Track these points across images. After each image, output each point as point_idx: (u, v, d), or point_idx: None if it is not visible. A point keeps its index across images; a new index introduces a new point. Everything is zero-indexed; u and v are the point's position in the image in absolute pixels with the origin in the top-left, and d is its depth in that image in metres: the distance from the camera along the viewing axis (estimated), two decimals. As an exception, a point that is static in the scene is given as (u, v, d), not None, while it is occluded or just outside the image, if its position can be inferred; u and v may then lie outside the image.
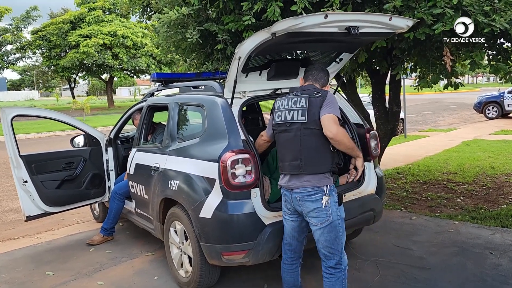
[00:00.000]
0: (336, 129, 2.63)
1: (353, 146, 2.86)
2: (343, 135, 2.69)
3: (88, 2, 31.41)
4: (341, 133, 2.68)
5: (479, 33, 3.62)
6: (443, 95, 35.54)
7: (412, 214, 5.13)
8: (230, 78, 3.13)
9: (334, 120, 2.65)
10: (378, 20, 2.88)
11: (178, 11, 3.98)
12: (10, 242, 5.07)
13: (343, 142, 2.70)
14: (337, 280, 2.69)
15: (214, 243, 3.05)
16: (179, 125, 3.78)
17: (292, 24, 2.55)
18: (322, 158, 2.69)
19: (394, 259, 3.87)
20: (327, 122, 2.63)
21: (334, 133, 2.63)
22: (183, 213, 3.35)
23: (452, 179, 6.86)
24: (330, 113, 2.65)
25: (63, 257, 4.40)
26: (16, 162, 4.38)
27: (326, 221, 2.66)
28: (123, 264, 4.14)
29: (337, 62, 3.72)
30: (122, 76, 33.37)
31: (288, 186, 2.76)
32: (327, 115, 2.64)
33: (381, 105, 6.11)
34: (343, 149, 2.77)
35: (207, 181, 3.11)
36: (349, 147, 2.78)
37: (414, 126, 15.50)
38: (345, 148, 2.76)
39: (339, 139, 2.66)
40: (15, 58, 31.08)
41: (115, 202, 4.61)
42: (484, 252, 3.93)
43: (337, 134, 2.64)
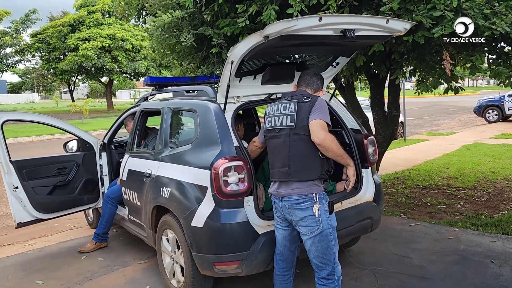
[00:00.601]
0: (323, 135, 2.55)
1: (342, 153, 2.72)
2: (330, 141, 2.59)
3: (87, 5, 31.37)
4: (329, 139, 2.58)
5: (479, 36, 3.53)
6: (443, 98, 35.45)
7: (411, 221, 5.03)
8: (223, 83, 3.04)
9: (322, 125, 2.57)
10: (375, 23, 2.80)
11: (172, 14, 3.89)
12: (1, 248, 4.97)
13: (331, 149, 2.60)
14: None
15: (206, 253, 2.95)
16: (172, 131, 3.69)
17: (285, 27, 2.46)
18: (311, 164, 2.60)
19: (392, 268, 3.77)
20: (315, 127, 2.55)
21: (321, 139, 2.54)
22: (175, 221, 3.26)
23: (452, 184, 6.76)
24: (318, 119, 2.57)
25: (54, 265, 4.30)
26: (7, 168, 4.28)
27: (316, 230, 2.57)
28: (115, 272, 4.04)
29: (334, 66, 3.63)
30: (121, 79, 33.30)
31: (278, 194, 2.68)
32: (315, 121, 2.57)
33: (380, 109, 6.02)
34: (331, 156, 2.66)
35: (199, 189, 3.02)
36: (337, 154, 2.66)
37: (414, 130, 15.41)
38: (334, 155, 2.66)
39: (326, 145, 2.57)
40: (14, 61, 31.00)
41: (108, 206, 4.52)
42: (485, 260, 3.83)
43: (324, 140, 2.55)
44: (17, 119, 4.52)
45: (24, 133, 17.55)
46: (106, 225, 4.58)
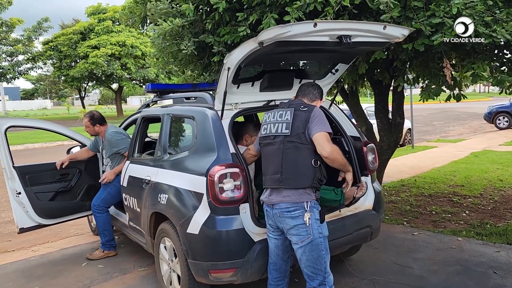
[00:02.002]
0: (330, 148, 2.58)
1: (346, 162, 2.81)
2: (337, 153, 2.66)
3: (98, 13, 31.80)
4: (336, 151, 2.64)
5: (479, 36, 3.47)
6: (454, 104, 35.07)
7: (414, 229, 4.96)
8: (220, 89, 3.05)
9: (327, 138, 2.60)
10: (372, 29, 2.79)
11: (172, 22, 3.92)
12: (5, 254, 5.01)
13: (337, 160, 2.67)
14: None
15: (201, 260, 2.94)
16: (171, 137, 3.70)
17: (279, 33, 2.46)
18: (303, 172, 2.59)
19: (393, 278, 3.71)
20: (321, 141, 2.57)
21: (328, 152, 2.57)
22: (172, 229, 3.25)
23: (458, 192, 6.67)
24: (322, 131, 2.59)
25: (55, 272, 4.31)
26: (10, 173, 4.33)
27: (306, 239, 2.55)
28: (114, 280, 4.04)
29: (333, 73, 3.62)
30: (130, 86, 33.61)
31: (269, 201, 2.67)
32: (320, 133, 2.58)
33: (384, 116, 5.97)
34: (337, 166, 2.73)
35: (195, 195, 3.01)
36: (342, 163, 2.75)
37: (423, 136, 15.26)
38: (339, 165, 2.74)
39: (334, 157, 2.61)
40: (26, 68, 31.46)
41: (97, 215, 4.55)
42: (488, 271, 3.75)
43: (331, 152, 2.59)
44: (20, 125, 4.57)
45: (35, 139, 17.75)
46: (105, 233, 4.58)
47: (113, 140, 4.52)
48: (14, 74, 30.24)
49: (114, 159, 4.57)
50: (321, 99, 2.99)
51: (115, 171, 4.50)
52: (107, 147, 4.58)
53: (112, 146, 4.52)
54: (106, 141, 4.60)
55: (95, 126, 4.64)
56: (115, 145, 4.52)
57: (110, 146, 4.54)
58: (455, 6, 3.18)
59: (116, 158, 4.57)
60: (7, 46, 30.19)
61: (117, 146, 4.51)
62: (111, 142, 4.53)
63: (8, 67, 29.70)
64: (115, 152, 4.54)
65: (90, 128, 4.66)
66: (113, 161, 4.58)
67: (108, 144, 4.56)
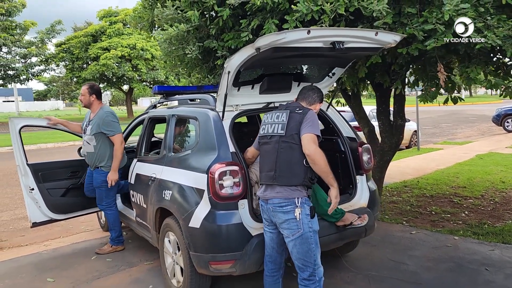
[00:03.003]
0: (313, 149, 2.70)
1: (328, 171, 2.78)
2: (319, 156, 2.71)
3: (110, 16, 32.30)
4: (318, 153, 2.71)
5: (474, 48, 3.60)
6: (464, 106, 34.89)
7: (412, 228, 5.10)
8: (221, 92, 3.23)
9: (313, 139, 2.73)
10: (364, 35, 2.95)
11: (178, 27, 4.11)
12: (19, 249, 5.24)
13: (318, 163, 2.71)
14: None
15: (202, 252, 3.12)
16: (175, 137, 3.89)
17: (274, 39, 2.64)
18: (295, 171, 2.74)
19: (387, 273, 3.86)
20: (306, 141, 2.71)
21: (311, 151, 2.69)
22: (176, 224, 3.44)
23: (459, 193, 6.76)
24: (310, 132, 2.72)
25: (66, 265, 4.53)
26: (24, 171, 4.56)
27: (297, 233, 2.71)
28: (121, 272, 4.24)
29: (330, 76, 3.79)
30: (141, 88, 34.05)
31: (264, 196, 2.83)
32: (307, 135, 2.72)
33: (385, 118, 6.10)
34: (317, 171, 2.75)
35: (197, 191, 3.20)
36: (323, 170, 2.75)
37: (430, 139, 15.29)
38: (319, 170, 2.75)
39: (315, 158, 2.70)
40: (39, 70, 32.08)
41: (108, 213, 4.76)
42: (480, 268, 3.88)
43: (314, 153, 2.69)
44: (33, 125, 4.80)
45: (48, 139, 18.13)
46: (115, 229, 4.79)
47: (107, 119, 4.53)
48: (27, 75, 30.84)
49: (98, 139, 4.55)
50: (321, 102, 3.12)
51: (115, 169, 4.58)
52: (96, 124, 4.53)
53: (103, 125, 4.51)
54: (97, 118, 4.56)
55: (91, 96, 4.63)
56: (107, 125, 4.51)
57: (100, 124, 4.51)
58: (447, 13, 3.31)
59: (100, 138, 4.55)
60: (21, 48, 30.84)
61: (108, 127, 4.51)
62: (104, 121, 4.52)
63: (22, 69, 30.31)
64: (103, 131, 4.52)
65: (86, 96, 4.64)
66: (97, 140, 4.55)
67: (99, 121, 4.52)
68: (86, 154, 4.70)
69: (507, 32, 3.34)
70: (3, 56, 30.18)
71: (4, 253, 5.10)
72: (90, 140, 4.59)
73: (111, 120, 4.57)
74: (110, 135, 4.54)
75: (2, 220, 6.63)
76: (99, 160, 4.61)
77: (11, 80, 30.87)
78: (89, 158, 4.67)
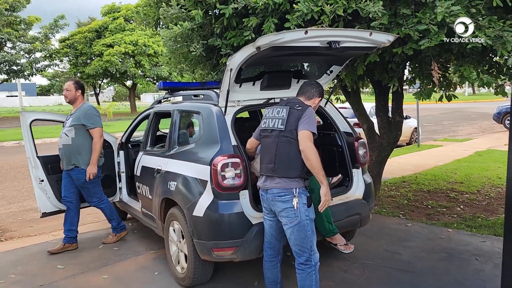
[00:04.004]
0: (307, 145, 2.84)
1: (318, 168, 2.86)
2: (311, 153, 2.83)
3: (113, 12, 32.49)
4: (311, 150, 2.84)
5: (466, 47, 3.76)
6: (466, 104, 35.01)
7: (408, 221, 5.27)
8: (224, 88, 3.41)
9: (309, 136, 2.87)
10: (359, 36, 3.11)
11: (182, 25, 4.28)
12: (28, 238, 5.45)
13: (310, 159, 2.83)
14: (307, 275, 2.91)
15: (205, 239, 3.31)
16: (180, 131, 4.07)
17: (273, 39, 2.81)
18: (293, 164, 2.90)
19: (382, 262, 4.04)
20: (302, 137, 2.86)
21: (305, 147, 2.84)
22: (180, 213, 3.62)
23: (456, 188, 6.93)
24: (306, 129, 2.87)
25: (74, 253, 4.73)
26: (34, 163, 4.75)
27: (295, 221, 2.88)
28: (128, 260, 4.44)
29: (328, 74, 3.96)
30: (144, 83, 34.28)
31: (264, 186, 3.01)
32: (303, 131, 2.87)
33: (384, 115, 6.26)
34: (309, 166, 2.87)
35: (200, 182, 3.38)
36: (314, 166, 2.84)
37: (431, 136, 15.43)
38: (311, 166, 2.85)
39: (307, 154, 2.83)
40: (43, 65, 32.32)
41: (102, 207, 4.93)
42: (470, 258, 4.06)
43: (307, 149, 2.83)
44: (44, 119, 4.98)
45: (52, 134, 18.34)
46: (114, 218, 4.99)
47: (89, 112, 4.62)
48: (31, 71, 31.08)
49: (77, 131, 4.57)
50: (320, 97, 3.23)
51: (94, 163, 4.62)
52: (77, 117, 4.59)
53: (84, 117, 4.57)
54: (79, 111, 4.63)
55: (77, 91, 4.69)
56: (88, 117, 4.57)
57: (81, 117, 4.57)
58: (439, 14, 3.47)
59: (79, 131, 4.58)
60: (25, 44, 31.07)
61: (89, 119, 4.58)
62: (87, 113, 4.59)
63: (26, 64, 30.55)
64: (84, 123, 4.56)
65: (72, 92, 4.69)
66: (76, 132, 4.57)
67: (80, 114, 4.59)
68: (62, 147, 4.65)
69: (498, 33, 3.49)
70: (8, 51, 30.43)
71: (15, 242, 5.31)
72: (68, 132, 4.59)
73: (93, 113, 4.64)
74: (90, 127, 4.58)
75: (11, 211, 6.85)
76: (75, 154, 4.60)
77: (16, 76, 31.13)
78: (65, 151, 4.63)
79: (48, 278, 4.09)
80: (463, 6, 3.46)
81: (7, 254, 4.77)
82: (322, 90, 3.25)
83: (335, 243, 3.74)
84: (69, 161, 4.63)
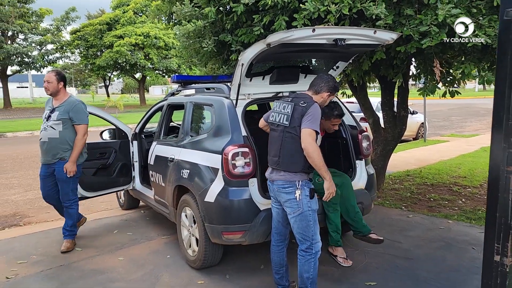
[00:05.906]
0: (309, 143, 2.96)
1: (320, 165, 2.97)
2: (313, 150, 2.96)
3: (123, 5, 32.78)
4: (313, 148, 2.97)
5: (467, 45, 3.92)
6: (475, 100, 34.90)
7: (410, 213, 5.46)
8: (235, 82, 3.61)
9: (311, 134, 2.99)
10: (363, 33, 3.30)
11: (195, 23, 4.49)
12: (45, 223, 5.73)
13: (312, 157, 2.97)
14: (306, 261, 3.11)
15: (216, 224, 3.54)
16: (192, 122, 4.30)
17: (283, 36, 3.01)
18: (296, 159, 3.05)
19: (382, 250, 4.24)
20: (304, 135, 3.00)
21: (306, 145, 2.97)
22: (192, 200, 3.85)
23: (459, 182, 7.09)
24: (308, 128, 2.99)
25: (91, 237, 5.00)
26: None
27: (297, 211, 3.07)
28: (141, 244, 4.69)
29: (334, 69, 4.15)
30: (154, 76, 34.59)
31: (270, 178, 3.21)
32: (306, 129, 2.99)
33: (389, 110, 6.43)
34: (311, 163, 3.01)
35: (212, 170, 3.61)
36: (315, 163, 2.97)
37: (438, 131, 15.53)
38: (313, 163, 2.98)
39: (308, 152, 2.97)
40: (55, 57, 32.75)
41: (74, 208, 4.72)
42: (467, 247, 4.26)
43: (309, 147, 2.96)
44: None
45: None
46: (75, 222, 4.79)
47: (79, 107, 4.48)
48: (43, 62, 31.49)
49: (65, 125, 4.42)
50: (329, 92, 3.21)
51: (73, 160, 4.46)
52: (65, 111, 4.42)
53: (73, 111, 4.42)
54: (67, 104, 4.45)
55: (59, 83, 4.49)
56: (77, 112, 4.44)
57: (70, 110, 4.42)
58: (440, 15, 3.63)
59: (67, 124, 4.43)
60: (37, 36, 31.49)
61: (77, 114, 4.44)
62: (76, 107, 4.45)
63: (38, 57, 30.96)
64: (71, 117, 4.42)
65: (54, 84, 4.47)
66: (64, 126, 4.42)
67: (68, 108, 4.43)
68: (47, 141, 4.43)
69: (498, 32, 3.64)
70: (20, 43, 30.85)
71: (33, 227, 5.59)
72: (56, 125, 4.41)
73: (82, 108, 4.53)
74: (76, 123, 4.45)
75: (27, 198, 7.14)
76: (63, 148, 4.45)
77: (27, 67, 31.56)
78: (50, 144, 4.43)
79: (67, 259, 4.36)
80: (464, 6, 3.62)
81: (27, 237, 5.05)
82: (332, 85, 3.22)
83: (336, 254, 4.00)
84: (54, 155, 4.46)
